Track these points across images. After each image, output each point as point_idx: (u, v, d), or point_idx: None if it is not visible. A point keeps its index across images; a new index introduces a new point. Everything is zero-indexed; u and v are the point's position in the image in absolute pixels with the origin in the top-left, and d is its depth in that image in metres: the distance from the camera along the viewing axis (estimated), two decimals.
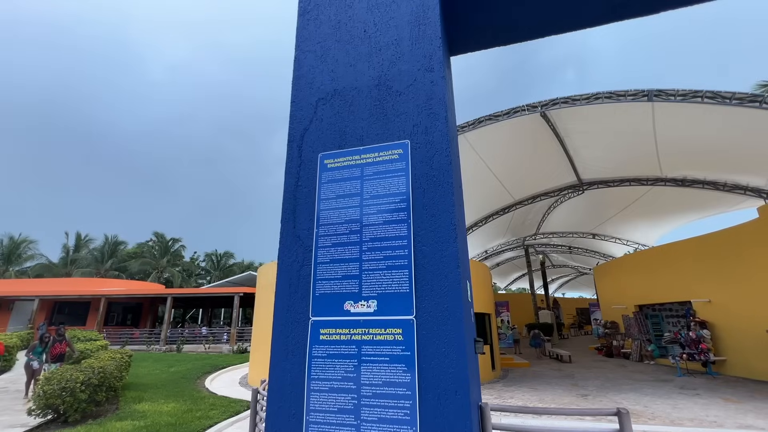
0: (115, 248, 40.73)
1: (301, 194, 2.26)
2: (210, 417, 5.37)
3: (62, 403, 4.70)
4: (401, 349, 1.76)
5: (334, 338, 1.87)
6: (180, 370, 11.02)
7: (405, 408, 1.67)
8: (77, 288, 23.35)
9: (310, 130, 2.45)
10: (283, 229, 2.19)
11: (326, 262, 2.04)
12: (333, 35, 2.64)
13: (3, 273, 36.48)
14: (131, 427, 4.74)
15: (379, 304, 1.85)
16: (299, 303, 1.99)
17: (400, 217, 1.98)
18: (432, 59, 2.28)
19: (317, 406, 1.78)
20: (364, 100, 2.35)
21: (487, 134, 10.95)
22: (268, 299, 10.57)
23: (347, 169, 2.23)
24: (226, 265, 47.29)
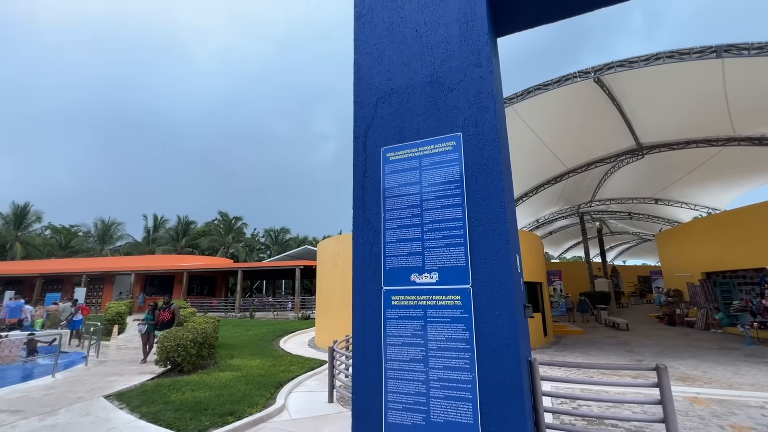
0: (187, 227, 44.88)
1: (368, 184, 2.65)
2: (291, 371, 6.30)
3: (178, 356, 5.84)
4: (460, 312, 2.14)
5: (404, 303, 2.29)
6: (256, 334, 12.50)
7: (465, 358, 2.05)
8: (164, 263, 26.71)
9: (372, 127, 2.78)
10: (355, 214, 2.63)
11: (393, 241, 2.44)
12: (387, 37, 2.90)
13: (100, 251, 41.81)
14: (231, 376, 5.76)
15: (440, 276, 2.23)
16: (373, 276, 2.44)
17: (455, 201, 2.31)
18: (480, 55, 2.50)
19: (392, 357, 2.22)
20: (419, 97, 2.63)
21: (537, 104, 10.56)
22: (327, 271, 11.49)
23: (407, 160, 2.56)
24: (283, 239, 50.36)
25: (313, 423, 3.92)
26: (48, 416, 3.87)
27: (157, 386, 5.10)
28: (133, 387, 5.11)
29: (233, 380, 5.42)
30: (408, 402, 2.09)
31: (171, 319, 7.65)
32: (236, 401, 4.35)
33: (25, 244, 38.36)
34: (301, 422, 3.97)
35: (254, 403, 4.37)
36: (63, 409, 4.11)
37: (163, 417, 3.82)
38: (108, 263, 28.94)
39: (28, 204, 40.25)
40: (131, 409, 4.14)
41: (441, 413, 2.01)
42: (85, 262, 30.38)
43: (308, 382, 5.86)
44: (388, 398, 2.15)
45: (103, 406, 4.21)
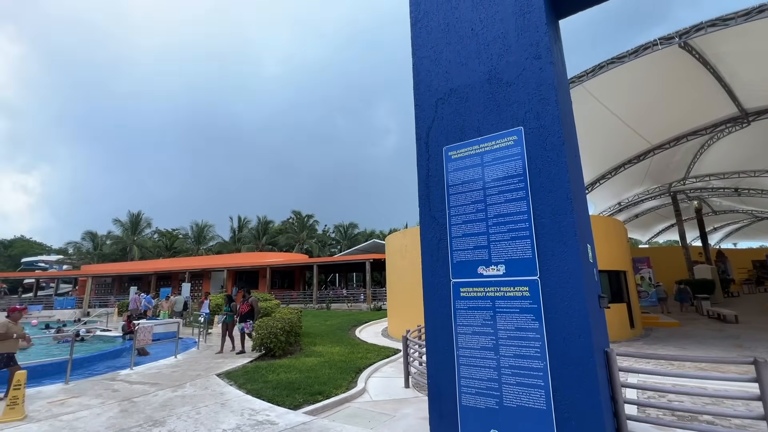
0: (266, 226, 48.84)
1: (432, 183, 2.78)
2: (368, 358, 6.75)
3: (270, 342, 6.62)
4: (529, 303, 2.20)
5: (472, 295, 2.40)
6: (333, 323, 13.39)
7: (536, 347, 2.11)
8: (249, 260, 29.73)
9: (433, 128, 2.88)
10: (421, 211, 2.80)
11: (459, 236, 2.55)
12: (444, 39, 2.98)
13: (197, 251, 47.36)
14: (316, 361, 6.37)
15: (507, 268, 2.31)
16: (441, 269, 2.59)
17: (519, 195, 2.35)
18: (539, 46, 2.49)
19: (464, 345, 2.36)
20: (478, 95, 2.68)
21: (610, 79, 9.60)
22: (396, 264, 11.86)
23: (469, 158, 2.63)
24: (352, 234, 52.31)
25: (393, 405, 4.23)
26: (178, 389, 4.75)
27: (256, 368, 5.88)
28: (238, 368, 5.96)
29: (318, 365, 6.01)
30: (480, 387, 2.23)
31: (250, 312, 8.00)
32: (323, 383, 4.86)
33: (140, 246, 45.11)
34: (381, 404, 4.32)
35: (338, 385, 4.84)
36: (188, 383, 5.00)
37: (265, 393, 4.44)
38: (204, 261, 33.07)
39: (140, 212, 47.23)
40: (239, 385, 4.88)
41: (513, 398, 2.12)
42: (186, 260, 35.00)
43: (385, 368, 6.24)
44: (462, 383, 2.31)
45: (217, 383, 5.02)
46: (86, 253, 46.67)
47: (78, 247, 47.80)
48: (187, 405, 3.97)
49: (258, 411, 3.75)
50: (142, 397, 4.36)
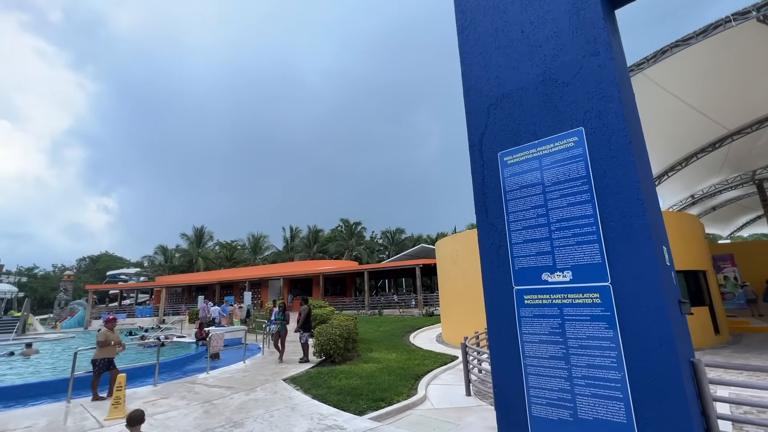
0: (316, 235, 50.58)
1: (488, 189, 2.75)
2: (425, 365, 6.74)
3: (330, 349, 6.86)
4: (601, 310, 2.10)
5: (537, 302, 2.34)
6: (387, 330, 13.50)
7: (611, 357, 2.00)
8: (302, 268, 31.00)
9: (486, 134, 2.86)
10: (478, 218, 2.77)
11: (520, 242, 2.49)
12: (492, 44, 2.95)
13: (253, 261, 50.11)
14: (374, 367, 6.50)
15: (574, 274, 2.22)
16: (502, 276, 2.54)
17: (583, 198, 2.26)
18: (596, 42, 2.40)
19: (531, 353, 2.30)
20: (532, 98, 2.62)
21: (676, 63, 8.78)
22: (447, 269, 11.73)
23: (526, 162, 2.57)
24: (399, 239, 52.56)
25: (456, 413, 4.21)
26: (250, 392, 5.11)
27: (318, 373, 6.13)
28: (302, 373, 6.26)
29: (377, 371, 6.13)
30: (552, 398, 2.17)
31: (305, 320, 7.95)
32: (384, 389, 4.95)
33: (204, 258, 48.74)
34: (444, 411, 4.31)
35: (399, 392, 4.91)
36: (258, 387, 5.35)
37: (330, 398, 4.63)
38: (262, 271, 35.02)
39: (203, 227, 51.08)
40: (304, 390, 5.13)
41: (589, 411, 2.03)
42: (246, 270, 37.29)
43: (443, 375, 6.20)
44: (531, 393, 2.26)
45: (284, 387, 5.33)
46: (159, 266, 51.39)
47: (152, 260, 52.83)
48: (260, 408, 4.26)
49: (326, 416, 3.92)
50: (220, 400, 4.73)
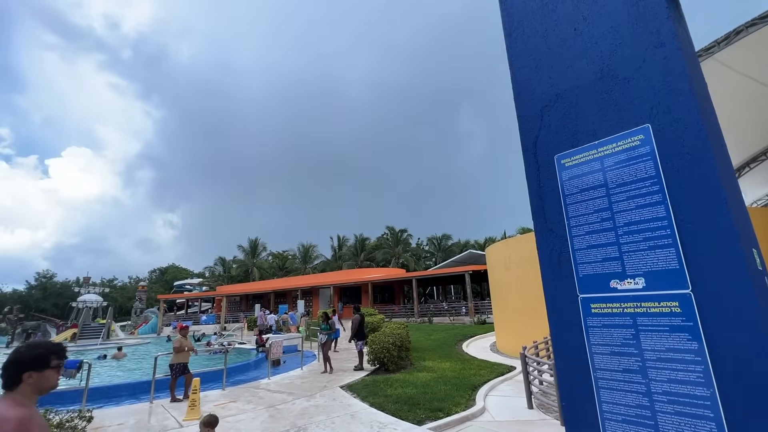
0: (362, 243, 51.40)
1: (545, 194, 2.67)
2: (481, 375, 6.56)
3: (384, 357, 6.92)
4: (681, 320, 1.94)
5: (606, 311, 2.21)
6: (438, 338, 13.33)
7: (696, 371, 1.84)
8: (351, 277, 31.64)
9: (540, 137, 2.78)
10: (536, 224, 2.68)
11: (583, 248, 2.38)
12: (543, 44, 2.89)
13: (304, 270, 51.89)
14: (429, 376, 6.44)
15: (647, 281, 2.08)
16: (565, 283, 2.44)
17: (654, 199, 2.13)
18: (660, 33, 2.27)
19: (602, 366, 2.17)
20: (589, 96, 2.53)
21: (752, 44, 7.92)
22: (499, 275, 11.37)
23: (586, 164, 2.47)
24: (446, 246, 51.86)
25: (518, 426, 4.05)
26: (311, 398, 5.30)
27: (374, 381, 6.20)
28: (358, 381, 6.37)
29: (432, 380, 6.07)
30: (629, 414, 2.03)
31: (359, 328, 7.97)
32: (441, 399, 4.89)
33: (259, 268, 51.36)
34: (505, 424, 4.17)
35: (457, 402, 4.82)
36: (318, 394, 5.54)
37: (387, 407, 4.67)
38: (312, 280, 36.22)
39: (257, 238, 54.02)
40: (361, 398, 5.22)
41: (673, 429, 1.88)
42: (298, 279, 38.78)
43: (501, 386, 5.99)
44: (603, 408, 2.13)
45: (342, 395, 5.46)
46: (219, 276, 54.97)
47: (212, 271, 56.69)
48: (322, 414, 4.40)
49: (385, 424, 3.95)
50: (283, 405, 4.95)
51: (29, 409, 1.72)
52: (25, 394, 1.72)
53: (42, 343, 1.90)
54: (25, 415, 1.66)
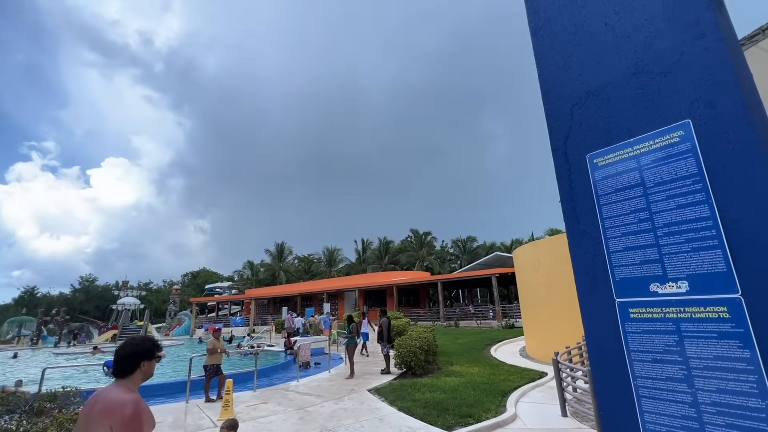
0: (386, 247, 51.48)
1: (577, 194, 2.58)
2: (511, 380, 6.41)
3: (411, 361, 6.88)
4: (730, 326, 1.83)
5: (646, 316, 2.11)
6: (465, 342, 13.13)
7: (749, 381, 1.72)
8: (376, 280, 31.73)
9: (571, 137, 2.70)
10: (568, 226, 2.60)
11: (619, 250, 2.28)
12: (571, 41, 2.80)
13: (329, 273, 52.47)
14: (457, 381, 6.35)
15: (691, 285, 1.97)
16: (600, 287, 2.34)
17: (696, 198, 2.02)
18: (700, 24, 2.16)
19: (642, 374, 2.07)
20: (622, 93, 2.43)
21: None
22: (528, 278, 11.09)
23: (620, 163, 2.38)
24: (471, 248, 51.17)
25: None
26: (339, 401, 5.35)
27: (401, 385, 6.18)
28: (385, 384, 6.38)
29: (460, 385, 5.98)
30: (673, 425, 1.93)
31: (386, 332, 8.06)
32: (470, 405, 4.81)
33: (285, 271, 52.39)
34: None
35: (487, 408, 4.72)
36: (345, 397, 5.58)
37: (416, 411, 4.63)
38: (338, 283, 36.58)
39: (284, 242, 55.19)
40: (389, 402, 5.21)
41: None
42: (323, 282, 39.30)
43: (532, 393, 5.83)
44: (645, 418, 2.03)
45: (370, 398, 5.47)
46: (247, 279, 56.44)
47: (241, 275, 58.24)
48: (350, 418, 4.42)
49: (414, 429, 3.93)
50: (312, 407, 5.02)
51: (137, 394, 1.96)
52: (135, 381, 2.00)
53: (147, 337, 2.21)
54: (138, 398, 1.92)
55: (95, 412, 1.85)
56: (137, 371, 2.00)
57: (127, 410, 1.81)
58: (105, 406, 1.85)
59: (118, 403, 1.83)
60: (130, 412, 1.81)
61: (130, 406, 1.84)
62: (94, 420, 1.83)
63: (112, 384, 1.97)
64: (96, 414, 1.84)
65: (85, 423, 1.89)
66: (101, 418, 1.80)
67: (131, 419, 1.80)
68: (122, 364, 1.99)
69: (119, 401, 1.84)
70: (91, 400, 1.95)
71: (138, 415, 1.84)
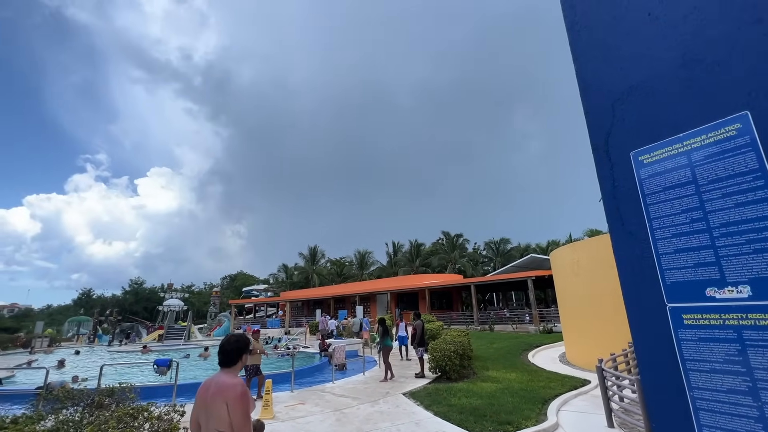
0: (417, 249, 51.24)
1: (621, 194, 2.46)
2: (551, 387, 6.17)
3: (445, 365, 6.80)
4: None
5: (702, 323, 1.98)
6: (501, 347, 12.79)
7: None
8: (409, 283, 31.67)
9: (613, 134, 2.59)
10: (611, 227, 2.49)
11: (670, 252, 2.16)
12: (612, 33, 2.70)
13: (360, 276, 52.90)
14: (494, 387, 6.20)
15: (754, 289, 1.84)
16: (649, 292, 2.22)
17: (758, 196, 1.89)
18: (757, 7, 2.03)
19: (700, 385, 1.94)
20: (669, 86, 2.31)
21: None
22: (566, 281, 10.66)
23: (669, 160, 2.26)
24: (504, 250, 49.90)
25: None
26: (374, 404, 5.38)
27: (436, 390, 6.11)
28: (420, 388, 6.34)
29: (497, 391, 5.83)
30: None
31: (420, 335, 7.99)
32: (509, 412, 4.67)
33: (318, 274, 53.37)
34: None
35: (526, 416, 4.57)
36: (381, 400, 5.60)
37: (452, 417, 4.57)
38: (370, 286, 36.84)
39: (316, 246, 56.27)
40: (425, 406, 5.17)
41: None
42: (356, 285, 39.71)
43: (575, 401, 5.58)
44: None
45: (405, 402, 5.46)
46: (282, 282, 58.04)
47: (276, 277, 59.97)
48: (386, 421, 4.43)
49: None
50: (349, 409, 5.08)
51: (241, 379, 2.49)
52: (236, 370, 2.50)
53: (243, 335, 2.70)
54: (243, 381, 2.45)
55: (210, 394, 2.30)
56: (239, 362, 2.49)
57: (238, 390, 2.29)
58: (219, 387, 2.30)
59: (230, 384, 2.30)
60: (241, 391, 2.29)
61: (240, 386, 2.33)
62: (211, 400, 2.27)
63: (220, 372, 2.45)
64: (212, 395, 2.28)
65: (202, 403, 2.33)
66: (217, 397, 2.25)
67: (242, 396, 2.27)
68: (229, 356, 2.45)
69: (231, 383, 2.31)
70: (204, 386, 2.42)
71: (247, 393, 2.33)
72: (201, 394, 2.38)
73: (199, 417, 2.32)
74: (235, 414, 2.19)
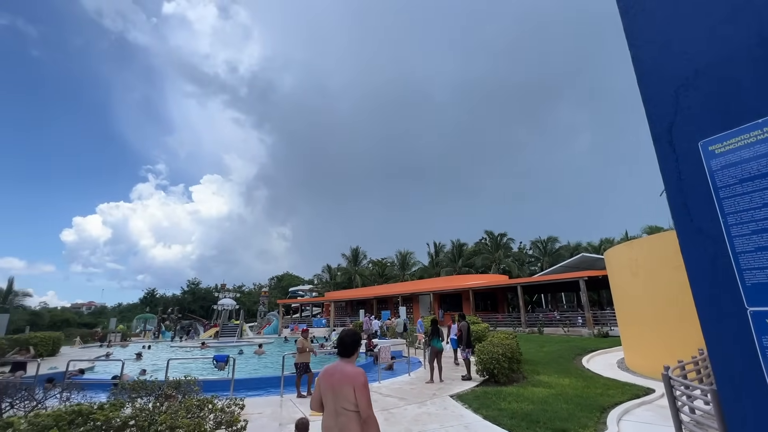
0: (460, 249, 50.33)
1: (688, 187, 2.28)
2: (610, 395, 5.79)
3: (493, 368, 6.62)
4: None
5: None
6: (552, 350, 12.22)
7: None
8: (452, 283, 31.19)
9: (676, 123, 2.41)
10: (678, 223, 2.29)
11: (750, 251, 1.99)
12: (672, 15, 2.52)
13: (402, 277, 52.88)
14: (546, 392, 5.94)
15: None
16: (725, 294, 2.04)
17: None
18: None
19: None
20: (743, 67, 2.11)
21: None
22: (624, 282, 9.98)
23: (745, 149, 2.09)
24: (552, 249, 47.59)
25: None
26: (422, 405, 5.36)
27: (484, 393, 5.97)
28: (467, 391, 6.22)
29: (550, 397, 5.57)
30: None
31: (466, 337, 7.97)
32: (563, 419, 4.45)
33: (360, 275, 54.11)
34: None
35: (584, 424, 4.33)
36: (428, 401, 5.58)
37: (503, 422, 4.44)
38: (412, 286, 36.73)
39: (358, 247, 57.14)
40: (474, 409, 5.07)
41: None
42: (398, 286, 39.79)
43: (637, 411, 5.19)
44: None
45: (453, 404, 5.39)
46: (326, 283, 59.48)
47: (320, 278, 61.60)
48: (434, 423, 4.41)
49: None
50: (396, 410, 5.11)
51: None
52: (353, 360, 2.87)
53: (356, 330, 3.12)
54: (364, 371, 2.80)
55: (336, 380, 2.68)
56: (355, 353, 2.87)
57: (362, 378, 2.68)
58: (344, 375, 2.68)
59: (355, 373, 2.69)
60: (364, 379, 2.69)
61: (362, 376, 2.70)
62: (338, 385, 2.65)
63: (340, 361, 2.83)
64: (338, 380, 2.67)
65: (329, 386, 2.71)
66: (345, 382, 2.63)
67: (365, 384, 2.68)
68: (349, 348, 2.84)
69: (355, 372, 2.70)
70: (328, 372, 2.79)
71: (367, 381, 2.72)
72: (326, 378, 2.77)
73: (324, 397, 2.74)
74: (361, 397, 2.59)
